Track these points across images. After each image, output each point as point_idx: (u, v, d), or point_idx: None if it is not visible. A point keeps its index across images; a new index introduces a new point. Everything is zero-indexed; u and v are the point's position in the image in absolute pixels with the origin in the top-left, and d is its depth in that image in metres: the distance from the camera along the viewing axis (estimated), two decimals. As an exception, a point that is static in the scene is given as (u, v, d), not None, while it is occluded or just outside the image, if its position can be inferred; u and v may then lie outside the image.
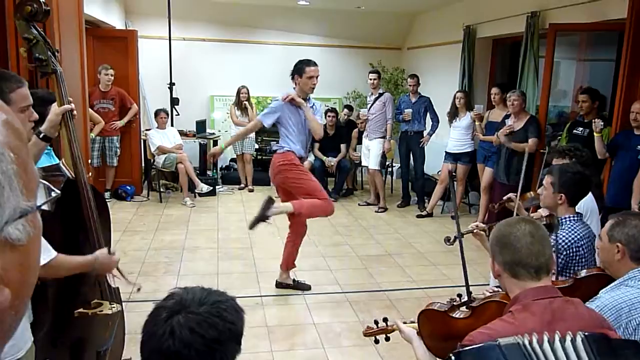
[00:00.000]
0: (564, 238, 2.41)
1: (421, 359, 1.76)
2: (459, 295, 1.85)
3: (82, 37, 3.63)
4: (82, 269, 1.83)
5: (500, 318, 1.49)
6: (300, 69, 3.91)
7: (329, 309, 3.98)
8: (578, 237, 2.40)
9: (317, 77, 3.92)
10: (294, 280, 4.31)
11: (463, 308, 1.83)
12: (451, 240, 2.72)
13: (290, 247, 4.29)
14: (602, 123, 4.40)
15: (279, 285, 4.27)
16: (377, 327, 2.08)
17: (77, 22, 3.58)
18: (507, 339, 1.26)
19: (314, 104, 4.10)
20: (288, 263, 4.28)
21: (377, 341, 2.12)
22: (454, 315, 1.78)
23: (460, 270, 3.49)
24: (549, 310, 1.42)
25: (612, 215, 1.99)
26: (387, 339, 2.08)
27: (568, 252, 2.38)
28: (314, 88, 3.96)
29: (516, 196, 3.10)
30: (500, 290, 2.05)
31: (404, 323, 1.95)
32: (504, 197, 3.16)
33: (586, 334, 1.24)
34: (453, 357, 1.25)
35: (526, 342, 1.26)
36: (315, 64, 3.93)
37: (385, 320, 2.09)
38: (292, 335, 3.57)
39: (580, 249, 2.37)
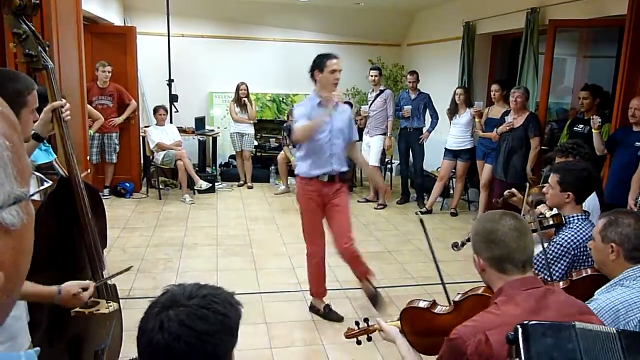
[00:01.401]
0: (572, 237, 2.39)
1: (405, 356, 1.75)
2: None
3: (80, 33, 3.62)
4: (40, 299, 1.70)
5: (485, 310, 1.49)
6: (319, 63, 3.48)
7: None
8: (586, 236, 2.38)
9: (339, 72, 3.49)
10: (325, 306, 3.83)
11: (445, 303, 1.83)
12: (459, 246, 2.72)
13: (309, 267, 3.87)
14: (600, 120, 4.40)
15: (311, 309, 3.87)
16: (358, 327, 2.07)
17: (75, 19, 3.57)
18: (586, 325, 1.22)
19: (337, 103, 3.59)
20: (315, 288, 3.86)
21: (359, 342, 2.09)
22: (436, 311, 1.79)
23: (459, 267, 3.49)
24: (532, 300, 1.44)
25: (603, 214, 1.97)
26: (369, 339, 2.07)
27: (576, 251, 2.37)
28: (336, 84, 3.50)
29: (519, 191, 3.10)
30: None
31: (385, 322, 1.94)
32: (506, 192, 3.15)
33: (619, 330, 1.22)
34: (520, 328, 1.19)
35: (610, 332, 1.21)
36: (336, 57, 3.51)
37: (366, 320, 2.08)
38: (292, 331, 3.57)
39: (588, 248, 2.36)
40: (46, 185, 0.68)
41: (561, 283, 2.11)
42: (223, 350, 1.05)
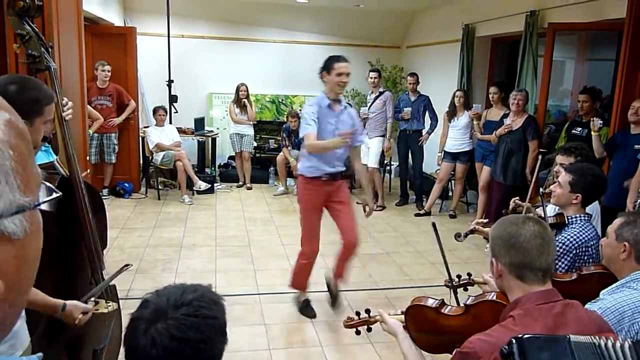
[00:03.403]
0: (575, 236, 2.39)
1: (406, 352, 1.71)
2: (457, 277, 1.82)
3: (81, 34, 3.62)
4: (44, 308, 1.70)
5: (500, 324, 1.43)
6: (328, 65, 3.50)
7: (326, 307, 3.98)
8: (589, 236, 2.39)
9: (347, 75, 3.50)
10: (305, 300, 3.95)
11: (454, 305, 1.81)
12: (461, 237, 2.72)
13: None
14: (601, 122, 4.41)
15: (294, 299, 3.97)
16: (359, 318, 2.00)
17: (76, 19, 3.57)
18: (579, 338, 1.20)
19: (345, 107, 3.66)
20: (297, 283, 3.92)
21: (358, 332, 2.02)
22: (444, 311, 1.74)
23: (458, 269, 3.50)
24: (550, 316, 1.39)
25: (621, 213, 1.98)
26: (369, 329, 2.02)
27: (577, 251, 2.37)
28: (344, 87, 3.55)
29: (525, 199, 3.11)
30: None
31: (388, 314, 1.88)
32: (512, 204, 3.15)
33: (633, 341, 1.20)
34: (515, 342, 1.16)
35: (601, 343, 1.20)
36: (345, 60, 3.52)
37: (367, 311, 2.01)
38: (290, 333, 3.58)
39: (590, 248, 2.37)
40: (55, 195, 0.68)
41: (574, 275, 2.11)
42: (218, 352, 1.05)
